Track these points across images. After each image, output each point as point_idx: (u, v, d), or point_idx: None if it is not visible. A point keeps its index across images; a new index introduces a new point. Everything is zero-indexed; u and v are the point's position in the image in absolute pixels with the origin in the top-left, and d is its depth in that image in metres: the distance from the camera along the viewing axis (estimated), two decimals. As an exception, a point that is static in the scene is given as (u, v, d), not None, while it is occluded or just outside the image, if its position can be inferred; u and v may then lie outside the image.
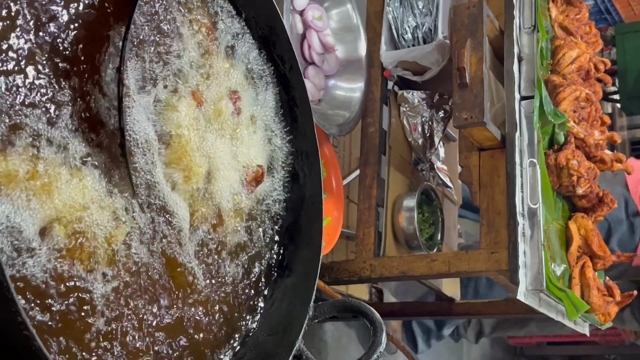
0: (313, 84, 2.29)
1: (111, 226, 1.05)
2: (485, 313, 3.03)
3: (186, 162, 1.19)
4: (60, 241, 0.97)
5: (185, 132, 1.19)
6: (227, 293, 1.28)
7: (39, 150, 0.96)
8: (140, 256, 1.09)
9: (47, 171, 0.96)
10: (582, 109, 2.39)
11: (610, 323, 2.45)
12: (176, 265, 1.17)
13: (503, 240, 2.03)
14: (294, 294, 1.33)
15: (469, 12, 2.17)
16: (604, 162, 2.39)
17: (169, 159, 1.17)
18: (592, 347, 5.98)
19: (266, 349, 1.25)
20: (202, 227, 1.23)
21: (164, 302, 1.13)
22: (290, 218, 1.42)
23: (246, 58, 1.38)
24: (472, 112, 2.05)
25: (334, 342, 3.66)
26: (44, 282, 0.94)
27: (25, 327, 0.81)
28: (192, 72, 1.24)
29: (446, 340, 4.88)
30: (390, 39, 2.37)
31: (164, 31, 1.19)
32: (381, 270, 2.19)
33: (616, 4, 6.22)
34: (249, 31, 1.38)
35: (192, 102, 1.22)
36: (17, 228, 0.91)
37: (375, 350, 1.22)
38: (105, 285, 1.03)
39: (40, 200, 0.95)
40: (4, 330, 0.84)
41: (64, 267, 0.97)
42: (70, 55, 1.02)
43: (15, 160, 0.92)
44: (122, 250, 1.07)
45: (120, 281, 1.05)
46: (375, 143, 2.36)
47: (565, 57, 2.40)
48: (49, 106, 0.98)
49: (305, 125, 1.42)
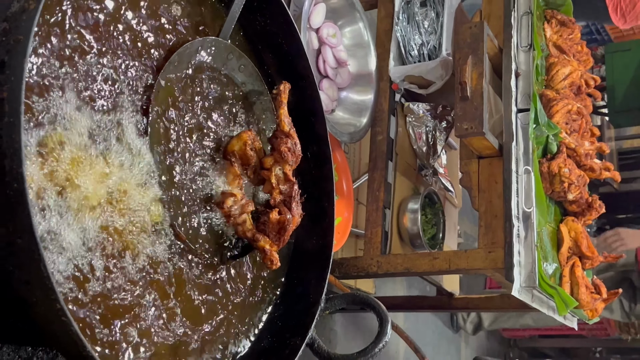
0: (327, 96, 2.30)
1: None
2: (483, 307, 3.02)
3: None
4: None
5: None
6: (252, 289, 1.29)
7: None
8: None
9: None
10: (573, 121, 2.38)
11: (598, 318, 2.44)
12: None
13: (499, 240, 2.03)
14: (308, 288, 1.33)
15: (471, 31, 2.17)
16: (593, 171, 2.38)
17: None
18: (580, 340, 5.94)
19: (282, 337, 1.25)
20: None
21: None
22: (305, 218, 1.42)
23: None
24: (473, 122, 2.05)
25: (343, 332, 3.65)
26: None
27: (63, 314, 0.82)
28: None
29: (446, 331, 4.87)
30: (398, 55, 2.37)
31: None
32: (387, 267, 2.19)
33: (606, 26, 6.19)
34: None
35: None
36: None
37: (381, 339, 1.22)
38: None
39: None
40: (44, 317, 0.85)
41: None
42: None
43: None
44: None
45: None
46: (383, 150, 2.36)
47: (558, 73, 2.40)
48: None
49: (319, 133, 1.42)
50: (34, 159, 0.90)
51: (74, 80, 0.98)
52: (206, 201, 1.20)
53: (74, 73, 0.98)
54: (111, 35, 1.06)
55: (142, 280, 1.05)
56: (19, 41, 0.84)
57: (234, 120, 1.31)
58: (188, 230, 1.15)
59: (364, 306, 1.30)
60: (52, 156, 0.92)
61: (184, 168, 1.17)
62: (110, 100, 1.04)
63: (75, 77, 0.98)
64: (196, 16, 1.25)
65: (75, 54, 0.99)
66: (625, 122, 5.84)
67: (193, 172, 1.19)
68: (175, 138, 1.16)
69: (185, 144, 1.18)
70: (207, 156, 1.22)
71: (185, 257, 1.14)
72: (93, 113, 1.00)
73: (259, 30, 1.38)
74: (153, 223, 1.08)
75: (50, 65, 0.95)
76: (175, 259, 1.12)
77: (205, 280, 1.18)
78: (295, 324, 1.27)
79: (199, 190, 1.19)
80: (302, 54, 1.38)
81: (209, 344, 1.17)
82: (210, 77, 1.27)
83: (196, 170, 1.19)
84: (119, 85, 1.06)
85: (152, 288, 1.06)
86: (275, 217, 1.22)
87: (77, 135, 0.97)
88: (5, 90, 0.82)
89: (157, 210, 1.08)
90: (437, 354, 4.66)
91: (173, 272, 1.11)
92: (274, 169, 1.26)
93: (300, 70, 1.40)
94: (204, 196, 1.20)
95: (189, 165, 1.18)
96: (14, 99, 0.81)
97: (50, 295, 0.81)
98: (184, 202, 1.15)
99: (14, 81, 0.82)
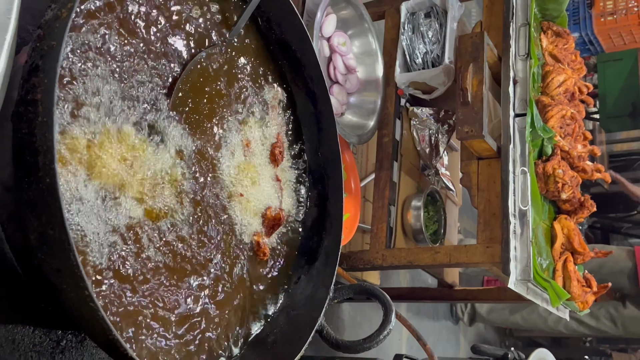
0: (337, 100, 2.29)
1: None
2: (481, 298, 3.01)
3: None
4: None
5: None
6: (266, 278, 1.29)
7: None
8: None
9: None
10: (567, 125, 2.37)
11: (588, 310, 2.42)
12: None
13: (497, 236, 2.02)
14: (318, 279, 1.33)
15: (472, 41, 2.16)
16: (585, 172, 2.37)
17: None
18: (571, 330, 5.91)
19: (294, 324, 1.25)
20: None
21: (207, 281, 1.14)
22: (315, 214, 1.42)
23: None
24: (473, 126, 2.04)
25: (350, 320, 3.65)
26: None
27: (91, 300, 0.82)
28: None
29: (446, 321, 4.87)
30: (403, 62, 2.37)
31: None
32: (391, 260, 2.19)
33: (598, 37, 6.16)
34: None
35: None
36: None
37: (385, 327, 1.22)
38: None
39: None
40: (73, 302, 0.85)
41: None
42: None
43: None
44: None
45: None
46: (389, 151, 2.36)
47: (553, 81, 2.39)
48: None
49: (330, 134, 1.42)
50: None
51: (103, 81, 0.98)
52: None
53: (102, 76, 0.98)
54: (140, 39, 1.06)
55: (155, 268, 1.05)
56: (53, 47, 0.84)
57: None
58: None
59: (369, 296, 1.29)
60: (76, 156, 0.93)
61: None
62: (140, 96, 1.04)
63: (103, 79, 0.98)
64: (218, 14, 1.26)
65: (102, 56, 0.99)
66: (616, 127, 5.83)
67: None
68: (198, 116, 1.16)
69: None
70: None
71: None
72: (119, 114, 1.00)
73: (275, 40, 1.38)
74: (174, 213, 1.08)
75: (79, 68, 0.95)
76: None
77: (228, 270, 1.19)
78: (306, 311, 1.27)
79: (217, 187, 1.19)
80: (315, 61, 1.38)
81: (230, 325, 1.17)
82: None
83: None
84: (148, 83, 1.06)
85: (164, 271, 1.07)
86: (271, 215, 1.26)
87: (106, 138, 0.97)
88: (39, 92, 0.82)
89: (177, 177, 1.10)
90: (437, 341, 4.66)
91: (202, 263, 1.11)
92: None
93: (313, 76, 1.40)
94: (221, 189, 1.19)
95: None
96: (47, 100, 0.82)
97: (79, 282, 0.81)
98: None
99: (48, 83, 0.82)
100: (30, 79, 0.84)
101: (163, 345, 1.02)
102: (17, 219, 0.89)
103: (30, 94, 0.83)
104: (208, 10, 1.24)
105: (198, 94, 1.19)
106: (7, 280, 1.01)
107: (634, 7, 5.94)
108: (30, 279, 0.99)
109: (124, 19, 1.04)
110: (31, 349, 1.03)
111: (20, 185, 0.84)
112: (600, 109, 5.99)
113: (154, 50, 1.09)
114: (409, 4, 2.42)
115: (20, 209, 0.86)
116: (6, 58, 0.79)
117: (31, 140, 0.82)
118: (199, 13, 1.21)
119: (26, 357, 1.02)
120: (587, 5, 6.18)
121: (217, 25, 1.26)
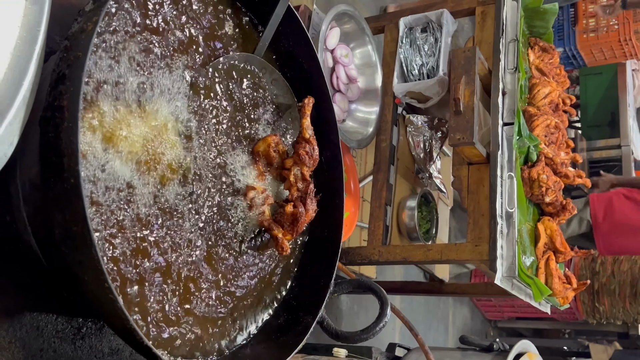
0: (339, 107, 2.29)
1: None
2: (470, 293, 3.01)
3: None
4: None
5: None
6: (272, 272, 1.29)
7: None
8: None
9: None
10: (551, 134, 2.37)
11: (568, 305, 2.42)
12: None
13: (485, 236, 2.02)
14: (319, 273, 1.32)
15: (464, 55, 2.16)
16: (568, 177, 2.37)
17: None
18: (552, 322, 5.92)
19: (297, 315, 1.25)
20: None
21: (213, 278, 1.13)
22: (318, 212, 1.42)
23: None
24: (464, 133, 2.04)
25: (348, 311, 3.66)
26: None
27: (110, 291, 0.82)
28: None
29: (435, 312, 4.86)
30: (401, 74, 2.37)
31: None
32: (387, 256, 2.19)
33: (581, 52, 6.16)
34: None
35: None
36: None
37: (381, 320, 1.22)
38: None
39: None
40: (94, 293, 0.85)
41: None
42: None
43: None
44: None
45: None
46: (386, 155, 2.36)
47: (539, 92, 2.39)
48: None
49: (332, 139, 1.41)
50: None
51: (125, 90, 0.98)
52: (234, 191, 1.19)
53: (127, 82, 0.98)
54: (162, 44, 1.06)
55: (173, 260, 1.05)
56: (78, 57, 0.84)
57: (265, 122, 1.30)
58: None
59: (367, 290, 1.29)
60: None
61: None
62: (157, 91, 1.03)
63: (127, 87, 0.98)
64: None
65: (128, 62, 0.99)
66: (596, 135, 5.83)
67: (222, 163, 1.18)
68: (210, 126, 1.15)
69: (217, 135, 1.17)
70: (237, 150, 1.21)
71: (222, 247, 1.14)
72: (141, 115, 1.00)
73: (284, 52, 1.38)
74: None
75: (105, 77, 0.95)
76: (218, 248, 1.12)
77: (237, 264, 1.18)
78: (308, 304, 1.27)
79: (227, 180, 1.18)
80: (319, 71, 1.38)
81: (238, 317, 1.17)
82: (250, 84, 1.27)
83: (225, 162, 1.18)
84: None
85: (187, 266, 1.06)
86: (289, 210, 1.21)
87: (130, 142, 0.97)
88: (65, 99, 0.82)
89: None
90: (428, 330, 4.66)
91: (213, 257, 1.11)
92: (294, 169, 1.25)
93: (317, 85, 1.40)
94: (231, 185, 1.19)
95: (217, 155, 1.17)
96: (72, 107, 0.81)
97: (100, 275, 0.81)
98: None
99: (73, 91, 0.82)
100: (57, 86, 0.84)
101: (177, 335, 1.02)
102: (43, 214, 0.89)
103: (57, 101, 0.83)
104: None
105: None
106: (32, 270, 1.01)
107: (614, 25, 5.94)
108: (53, 270, 0.99)
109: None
110: (54, 335, 1.03)
111: (47, 183, 0.84)
112: (582, 118, 5.98)
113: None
114: (406, 19, 2.42)
115: (46, 206, 0.85)
116: (35, 67, 0.79)
117: (57, 143, 0.82)
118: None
119: (49, 342, 1.02)
120: (571, 23, 6.18)
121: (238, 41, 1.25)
